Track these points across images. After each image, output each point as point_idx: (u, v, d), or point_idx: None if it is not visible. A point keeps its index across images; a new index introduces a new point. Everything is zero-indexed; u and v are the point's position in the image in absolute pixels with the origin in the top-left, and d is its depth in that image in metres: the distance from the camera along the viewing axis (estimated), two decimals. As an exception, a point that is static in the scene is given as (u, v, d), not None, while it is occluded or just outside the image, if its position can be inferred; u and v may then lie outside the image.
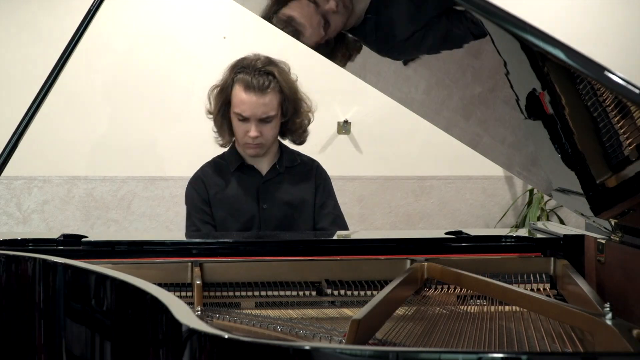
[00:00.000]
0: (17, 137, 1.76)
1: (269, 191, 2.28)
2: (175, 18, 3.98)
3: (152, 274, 1.66)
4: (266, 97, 2.17)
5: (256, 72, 2.19)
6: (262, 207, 2.26)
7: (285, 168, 2.31)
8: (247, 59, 2.23)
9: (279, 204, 2.27)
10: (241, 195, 2.27)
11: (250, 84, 2.17)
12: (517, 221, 4.30)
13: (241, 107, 2.18)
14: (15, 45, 3.85)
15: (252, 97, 2.17)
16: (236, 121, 2.23)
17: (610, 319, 1.23)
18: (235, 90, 2.20)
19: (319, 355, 0.97)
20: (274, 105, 2.20)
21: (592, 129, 1.33)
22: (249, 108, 2.17)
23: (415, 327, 1.44)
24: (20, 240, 1.76)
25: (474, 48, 1.39)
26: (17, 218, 3.93)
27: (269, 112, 2.19)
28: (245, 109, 2.18)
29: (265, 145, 2.25)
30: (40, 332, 1.45)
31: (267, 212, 2.26)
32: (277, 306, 1.66)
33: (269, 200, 2.27)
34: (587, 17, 4.27)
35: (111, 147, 3.95)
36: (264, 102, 2.17)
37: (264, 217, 2.25)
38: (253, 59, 2.23)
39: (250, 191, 2.27)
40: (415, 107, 1.84)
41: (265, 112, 2.18)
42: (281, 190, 2.28)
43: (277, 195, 2.27)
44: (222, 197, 2.27)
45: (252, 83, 2.17)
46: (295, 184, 2.31)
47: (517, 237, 1.91)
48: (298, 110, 2.28)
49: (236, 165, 2.30)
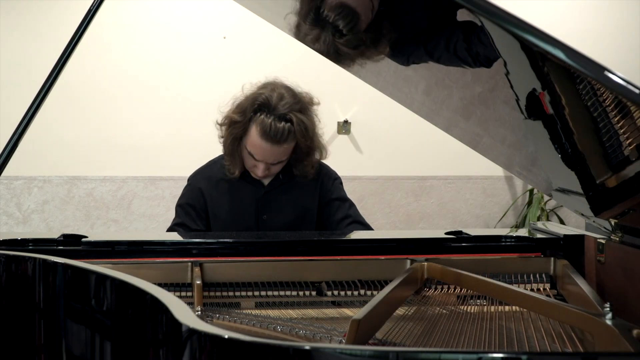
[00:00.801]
0: (17, 137, 1.76)
1: (270, 202, 2.24)
2: (175, 18, 3.98)
3: (152, 274, 1.66)
4: (281, 147, 2.13)
5: (276, 118, 2.10)
6: (261, 217, 2.23)
7: (288, 178, 2.26)
8: (271, 100, 2.12)
9: (280, 214, 2.23)
10: (241, 204, 2.24)
11: (267, 131, 2.09)
12: (517, 221, 4.31)
13: (254, 150, 2.14)
14: (15, 45, 3.85)
15: (267, 145, 2.11)
16: (246, 154, 2.17)
17: (610, 319, 1.23)
18: (252, 131, 2.12)
19: (319, 355, 0.97)
20: (287, 152, 2.17)
21: (592, 129, 1.33)
22: (261, 154, 2.13)
23: (415, 327, 1.44)
24: (20, 240, 1.75)
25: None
26: (17, 218, 3.93)
27: (280, 158, 2.17)
28: (257, 153, 2.14)
29: (272, 175, 2.23)
30: (40, 332, 1.45)
31: (267, 223, 2.23)
32: (277, 306, 1.66)
33: (269, 211, 2.24)
34: (587, 17, 4.27)
35: (111, 147, 3.95)
36: (278, 151, 2.13)
37: (264, 228, 2.23)
38: (276, 100, 2.12)
39: (250, 201, 2.24)
40: (415, 107, 1.84)
41: (277, 159, 2.16)
42: (283, 200, 2.25)
43: (279, 206, 2.24)
44: (221, 205, 2.24)
45: (269, 131, 2.08)
46: (298, 191, 2.26)
47: (517, 237, 1.91)
48: (310, 155, 2.23)
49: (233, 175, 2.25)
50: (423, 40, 1.57)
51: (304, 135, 2.15)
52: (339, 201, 2.31)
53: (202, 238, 2.03)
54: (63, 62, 1.81)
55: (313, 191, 2.28)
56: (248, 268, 1.73)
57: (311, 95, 2.23)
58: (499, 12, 1.16)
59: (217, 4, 3.97)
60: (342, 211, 2.29)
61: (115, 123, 3.95)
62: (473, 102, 1.64)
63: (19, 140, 1.77)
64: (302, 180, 2.26)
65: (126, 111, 3.95)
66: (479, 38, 1.37)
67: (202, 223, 2.26)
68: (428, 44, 1.56)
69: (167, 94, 3.97)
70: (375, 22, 1.61)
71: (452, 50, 1.48)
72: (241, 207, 2.24)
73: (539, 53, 1.19)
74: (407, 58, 1.68)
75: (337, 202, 2.31)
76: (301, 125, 2.13)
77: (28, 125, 1.78)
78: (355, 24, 1.60)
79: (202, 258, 1.75)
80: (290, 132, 2.11)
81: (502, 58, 1.34)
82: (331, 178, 2.33)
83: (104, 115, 3.94)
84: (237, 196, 2.25)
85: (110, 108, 3.94)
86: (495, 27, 1.19)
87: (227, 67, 3.94)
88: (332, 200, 2.30)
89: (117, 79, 3.94)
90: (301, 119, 2.14)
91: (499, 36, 1.26)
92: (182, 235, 2.14)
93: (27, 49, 3.84)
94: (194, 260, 1.72)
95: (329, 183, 2.31)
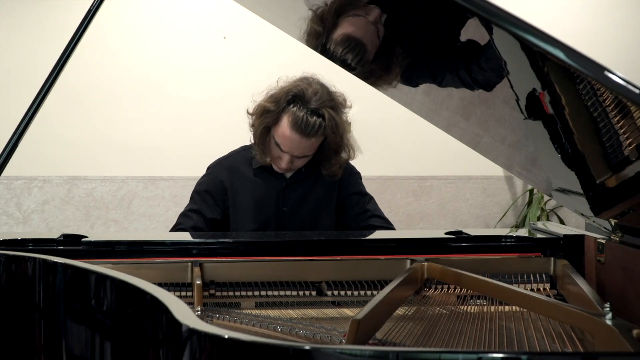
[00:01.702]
0: (17, 137, 1.76)
1: (292, 194, 2.26)
2: (175, 18, 3.98)
3: (152, 274, 1.66)
4: (309, 141, 2.15)
5: (309, 111, 2.12)
6: (282, 210, 2.25)
7: (311, 171, 2.28)
8: (306, 94, 2.15)
9: (300, 207, 2.25)
10: (262, 196, 2.25)
11: (298, 123, 2.11)
12: (517, 221, 4.30)
13: (282, 141, 2.15)
14: (16, 45, 3.85)
15: (296, 137, 2.13)
16: (273, 144, 2.19)
17: (610, 319, 1.23)
18: (283, 121, 2.14)
19: (319, 355, 0.97)
20: (314, 147, 2.19)
21: (592, 129, 1.33)
22: (289, 145, 2.15)
23: (415, 327, 1.44)
24: (20, 240, 1.75)
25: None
26: (17, 218, 3.93)
27: (306, 152, 2.18)
28: (285, 143, 2.15)
29: (296, 169, 2.24)
30: (40, 332, 1.45)
31: (287, 215, 2.25)
32: (277, 306, 1.66)
33: (290, 203, 2.25)
34: (587, 17, 4.27)
35: (111, 147, 3.95)
36: (306, 144, 2.15)
37: (283, 220, 2.24)
38: (311, 94, 2.15)
39: (271, 193, 2.25)
40: (415, 107, 1.84)
41: (303, 153, 2.18)
42: (304, 193, 2.26)
43: (299, 199, 2.26)
44: (241, 197, 2.26)
45: (300, 123, 2.11)
46: (319, 185, 2.28)
47: (517, 237, 1.91)
48: (338, 153, 2.25)
49: (259, 164, 2.27)
50: (430, 65, 1.58)
51: (333, 132, 2.18)
52: (358, 195, 2.34)
53: (202, 238, 2.04)
54: (63, 62, 1.81)
55: (333, 185, 2.30)
56: (248, 268, 1.73)
57: (345, 97, 2.26)
58: (499, 12, 1.16)
59: (217, 4, 3.97)
60: (360, 205, 2.32)
61: (115, 123, 3.94)
62: (473, 102, 1.64)
63: (19, 140, 1.77)
64: (329, 179, 2.28)
65: (126, 111, 3.95)
66: (479, 65, 1.39)
67: (219, 212, 2.27)
68: (433, 68, 1.57)
69: (167, 94, 3.97)
70: (382, 50, 1.62)
71: (454, 73, 1.50)
72: (262, 198, 2.25)
73: (539, 53, 1.19)
74: (416, 82, 1.70)
75: (357, 197, 2.34)
76: (332, 121, 2.16)
77: (28, 125, 1.78)
78: (362, 56, 1.63)
79: (202, 258, 1.75)
80: (321, 127, 2.13)
81: (502, 58, 1.34)
82: (351, 173, 2.36)
83: (104, 115, 3.94)
84: (258, 187, 2.26)
85: (110, 108, 3.94)
86: (495, 27, 1.19)
87: (227, 67, 3.94)
88: (351, 194, 2.33)
89: (117, 79, 3.94)
90: (333, 115, 2.16)
91: (499, 36, 1.26)
92: (182, 236, 2.14)
93: (27, 49, 3.84)
94: (194, 260, 1.72)
95: (348, 177, 2.33)
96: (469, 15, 1.29)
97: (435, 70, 1.58)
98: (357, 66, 1.64)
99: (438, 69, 1.56)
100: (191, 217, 2.24)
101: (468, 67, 1.43)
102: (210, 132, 3.87)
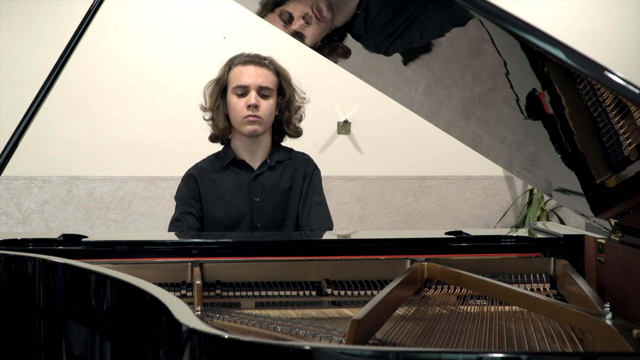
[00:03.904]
0: (17, 137, 1.76)
1: (260, 185, 2.31)
2: (175, 18, 3.98)
3: (152, 274, 1.66)
4: (264, 70, 2.29)
5: (253, 55, 2.33)
6: (253, 200, 2.29)
7: (276, 162, 2.35)
8: (242, 53, 2.35)
9: (270, 196, 2.30)
10: (233, 189, 2.31)
11: (248, 60, 2.29)
12: (517, 221, 4.31)
13: (240, 79, 2.27)
14: (16, 45, 3.85)
15: (251, 68, 2.28)
16: (235, 99, 2.28)
17: (610, 319, 1.23)
18: (234, 70, 2.30)
19: (319, 355, 0.97)
20: (272, 79, 2.30)
21: (592, 129, 1.33)
22: (248, 77, 2.27)
23: (415, 327, 1.44)
24: (20, 240, 1.75)
25: (474, 48, 1.39)
26: (17, 218, 3.93)
27: (267, 84, 2.28)
28: (244, 79, 2.27)
29: (263, 122, 2.28)
30: (40, 332, 1.45)
31: (258, 205, 2.29)
32: (277, 306, 1.66)
33: (260, 193, 2.30)
34: (587, 17, 4.27)
35: (111, 147, 3.95)
36: (263, 73, 2.28)
37: (256, 210, 2.29)
38: (248, 53, 2.34)
39: (241, 185, 2.31)
40: (415, 107, 1.84)
41: (264, 82, 2.27)
42: (272, 183, 2.32)
43: (268, 188, 2.31)
44: (214, 192, 2.31)
45: (250, 59, 2.30)
46: (285, 176, 2.35)
47: (517, 237, 1.91)
48: (293, 97, 2.35)
49: (228, 160, 2.33)
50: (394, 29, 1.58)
51: (281, 68, 2.33)
52: (311, 199, 2.36)
53: (202, 238, 2.04)
54: (63, 62, 1.81)
55: (299, 175, 2.36)
56: (248, 268, 1.73)
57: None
58: (499, 12, 1.16)
59: (217, 4, 3.97)
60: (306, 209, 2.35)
61: (115, 123, 3.95)
62: (473, 102, 1.64)
63: (19, 140, 1.77)
64: (289, 162, 2.36)
65: (126, 111, 3.95)
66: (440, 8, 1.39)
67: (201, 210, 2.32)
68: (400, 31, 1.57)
69: (167, 94, 3.97)
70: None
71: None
72: (233, 192, 2.31)
73: (539, 53, 1.19)
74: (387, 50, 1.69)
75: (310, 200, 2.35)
76: (278, 63, 2.34)
77: (28, 125, 1.78)
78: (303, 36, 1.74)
79: (202, 258, 1.75)
80: (270, 60, 2.31)
81: (502, 58, 1.34)
82: (312, 164, 2.41)
83: (104, 115, 3.94)
84: (228, 182, 2.32)
85: (110, 108, 3.95)
86: (496, 27, 1.19)
87: (227, 67, 3.94)
88: (309, 195, 2.35)
89: (117, 79, 3.94)
90: (276, 61, 2.34)
91: (499, 36, 1.26)
92: (182, 236, 2.14)
93: (27, 49, 3.84)
94: (194, 260, 1.72)
95: (310, 168, 2.39)
96: (469, 16, 1.29)
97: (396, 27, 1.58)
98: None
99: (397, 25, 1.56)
100: (183, 220, 2.27)
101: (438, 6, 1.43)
102: (210, 132, 3.86)
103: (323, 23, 1.67)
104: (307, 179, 2.36)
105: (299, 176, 2.35)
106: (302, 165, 2.37)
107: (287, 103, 2.34)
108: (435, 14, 1.43)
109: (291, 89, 2.35)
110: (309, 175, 2.37)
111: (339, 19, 1.66)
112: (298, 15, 1.68)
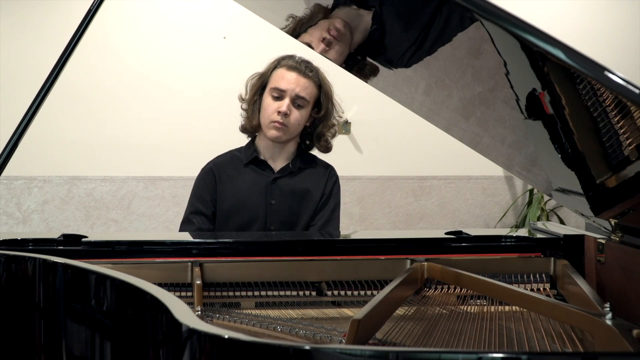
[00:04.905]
0: (17, 137, 1.76)
1: (279, 188, 2.28)
2: (175, 18, 3.98)
3: (152, 274, 1.66)
4: (306, 80, 2.25)
5: (301, 61, 2.28)
6: (269, 202, 2.27)
7: (298, 168, 2.32)
8: (293, 56, 2.31)
9: (286, 200, 2.28)
10: (250, 189, 2.28)
11: (294, 65, 2.26)
12: (517, 221, 4.30)
13: (280, 82, 2.24)
14: (16, 45, 3.85)
15: (294, 75, 2.24)
16: (269, 100, 2.26)
17: (610, 319, 1.23)
18: (277, 71, 2.27)
19: (319, 355, 0.97)
20: (311, 92, 2.27)
21: (592, 129, 1.33)
22: (288, 83, 2.24)
23: (415, 327, 1.44)
24: (20, 240, 1.75)
25: (474, 48, 1.39)
26: (17, 218, 3.93)
27: (304, 94, 2.25)
28: (283, 83, 2.24)
29: (289, 131, 2.26)
30: (40, 332, 1.45)
31: (274, 208, 2.27)
32: (277, 306, 1.66)
33: (277, 196, 2.28)
34: (587, 17, 4.27)
35: (111, 147, 3.95)
36: (304, 83, 2.25)
37: (271, 213, 2.26)
38: (299, 57, 2.30)
39: (259, 186, 2.28)
40: (415, 107, 1.84)
41: (302, 92, 2.24)
42: (290, 187, 2.29)
43: (286, 192, 2.28)
44: (231, 189, 2.28)
45: (296, 65, 2.26)
46: (305, 182, 2.32)
47: (517, 237, 1.91)
48: (330, 112, 2.33)
49: (250, 158, 2.30)
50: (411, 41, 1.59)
51: (326, 82, 2.30)
52: (329, 206, 2.34)
53: (202, 238, 2.04)
54: (63, 62, 1.81)
55: (319, 182, 2.33)
56: (248, 268, 1.73)
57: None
58: (499, 12, 1.16)
59: (217, 4, 3.97)
60: (322, 214, 2.33)
61: (115, 123, 3.94)
62: (473, 102, 1.64)
63: (19, 140, 1.77)
64: (312, 170, 2.34)
65: (126, 111, 3.95)
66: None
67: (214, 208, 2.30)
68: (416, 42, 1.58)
69: (167, 94, 3.97)
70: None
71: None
72: (250, 191, 2.28)
73: (539, 53, 1.19)
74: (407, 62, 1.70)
75: (328, 207, 2.33)
76: (322, 74, 2.30)
77: (28, 125, 1.78)
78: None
79: (202, 258, 1.75)
80: (314, 70, 2.27)
81: (502, 58, 1.34)
82: (334, 176, 2.39)
83: (104, 115, 3.94)
84: (246, 181, 2.29)
85: (110, 108, 3.94)
86: (496, 27, 1.19)
87: (227, 67, 3.94)
88: (327, 201, 2.33)
89: (117, 79, 3.94)
90: (322, 71, 2.30)
91: (499, 36, 1.26)
92: (182, 236, 2.14)
93: (27, 49, 3.84)
94: (194, 260, 1.72)
95: (332, 179, 2.36)
96: (469, 16, 1.29)
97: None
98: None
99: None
100: (193, 220, 2.26)
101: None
102: (210, 132, 3.87)
103: (343, 42, 1.68)
104: (329, 189, 2.33)
105: (319, 184, 2.32)
106: (324, 175, 2.34)
107: (322, 118, 2.32)
108: (448, 21, 1.44)
109: (330, 104, 2.32)
110: (330, 185, 2.34)
111: (357, 35, 1.67)
112: (317, 40, 1.72)
